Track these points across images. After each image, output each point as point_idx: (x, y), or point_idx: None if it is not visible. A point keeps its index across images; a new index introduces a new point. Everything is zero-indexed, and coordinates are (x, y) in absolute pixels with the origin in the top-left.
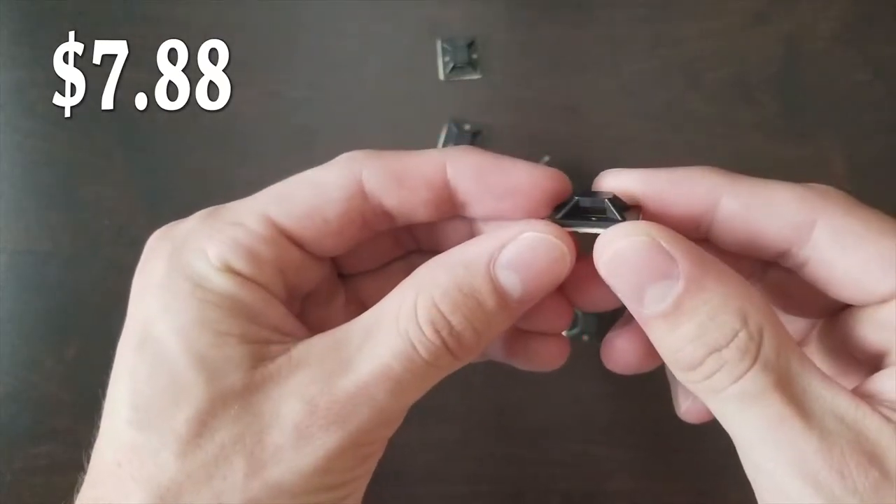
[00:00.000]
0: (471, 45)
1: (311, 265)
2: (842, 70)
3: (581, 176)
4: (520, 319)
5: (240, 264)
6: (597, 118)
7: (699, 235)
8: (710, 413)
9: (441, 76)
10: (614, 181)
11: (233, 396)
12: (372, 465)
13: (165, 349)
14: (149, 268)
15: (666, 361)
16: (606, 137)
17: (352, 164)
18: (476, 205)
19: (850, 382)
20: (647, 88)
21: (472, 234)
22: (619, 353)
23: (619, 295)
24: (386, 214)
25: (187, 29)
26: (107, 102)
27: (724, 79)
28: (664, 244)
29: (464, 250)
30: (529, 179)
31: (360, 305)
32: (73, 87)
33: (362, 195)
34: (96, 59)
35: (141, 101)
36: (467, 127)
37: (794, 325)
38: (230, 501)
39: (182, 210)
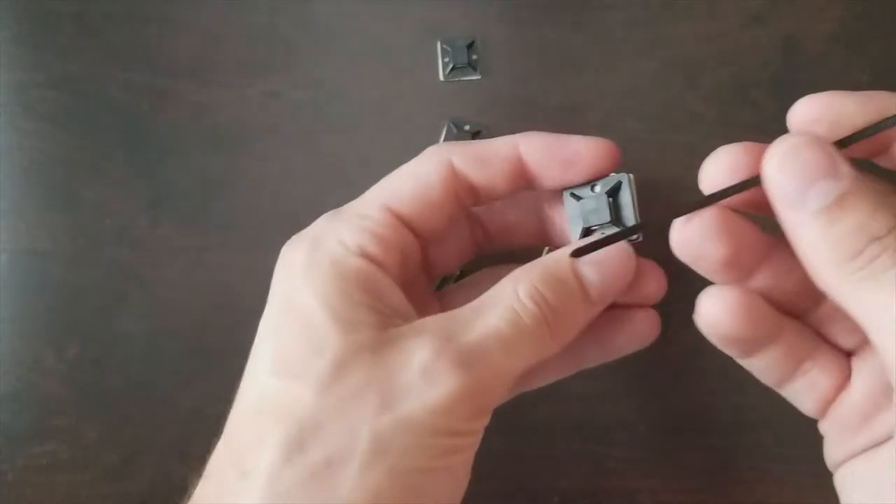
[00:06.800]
0: (471, 45)
1: (417, 251)
2: (840, 71)
3: None
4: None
5: (373, 248)
6: (595, 118)
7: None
8: None
9: (441, 76)
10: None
11: (365, 348)
12: (480, 426)
13: (308, 311)
14: (289, 258)
15: (817, 263)
16: (605, 137)
17: (441, 153)
18: (545, 175)
19: None
20: (646, 89)
21: (537, 231)
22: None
23: (782, 192)
24: (473, 191)
25: (189, 29)
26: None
27: (723, 80)
28: (832, 151)
29: (555, 253)
30: (588, 150)
31: None
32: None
33: (455, 176)
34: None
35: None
36: (467, 127)
37: None
38: (362, 432)
39: (183, 210)
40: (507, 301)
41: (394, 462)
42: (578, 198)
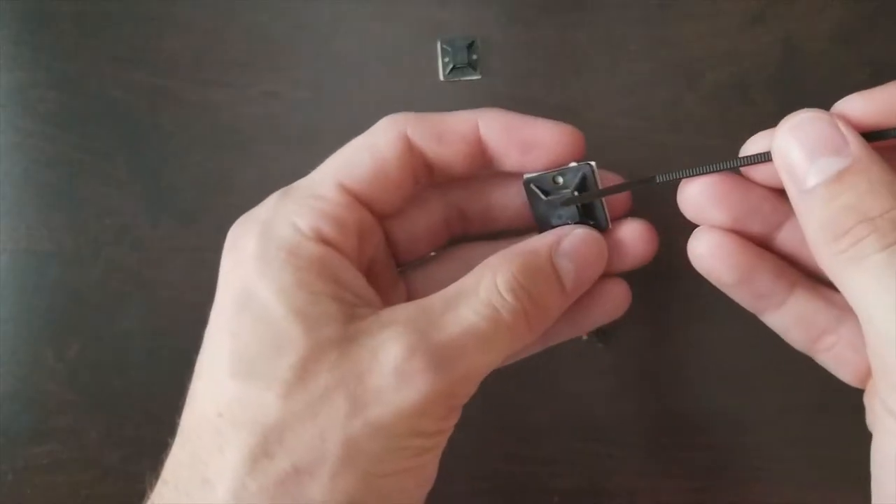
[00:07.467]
0: (471, 45)
1: (376, 230)
2: (839, 71)
3: None
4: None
5: (330, 231)
6: (595, 118)
7: None
8: None
9: (441, 76)
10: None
11: (331, 345)
12: (452, 424)
13: (266, 307)
14: (240, 245)
15: (813, 238)
16: (605, 137)
17: (396, 125)
18: (504, 158)
19: None
20: (646, 89)
21: (519, 215)
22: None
23: (787, 166)
24: (428, 168)
25: (189, 29)
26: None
27: (722, 80)
28: (841, 127)
29: (529, 242)
30: (550, 134)
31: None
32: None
33: (411, 150)
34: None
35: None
36: None
37: None
38: (332, 438)
39: (183, 210)
40: (484, 294)
41: (366, 467)
42: (542, 190)
